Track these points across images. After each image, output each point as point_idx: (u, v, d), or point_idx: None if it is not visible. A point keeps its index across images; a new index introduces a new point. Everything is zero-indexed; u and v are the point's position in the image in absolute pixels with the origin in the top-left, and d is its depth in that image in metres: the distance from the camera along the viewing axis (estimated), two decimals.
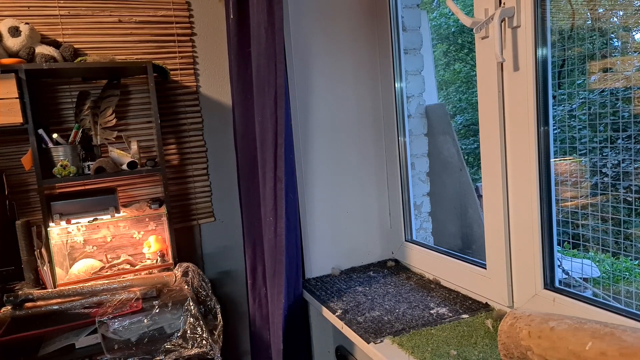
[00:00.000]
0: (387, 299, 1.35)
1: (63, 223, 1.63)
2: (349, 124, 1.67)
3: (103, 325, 1.37)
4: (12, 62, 1.52)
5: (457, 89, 5.27)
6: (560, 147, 1.27)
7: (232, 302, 2.09)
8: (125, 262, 1.79)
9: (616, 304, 0.97)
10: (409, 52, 1.80)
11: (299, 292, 1.53)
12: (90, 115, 1.76)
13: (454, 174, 2.21)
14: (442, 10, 5.30)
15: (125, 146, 1.81)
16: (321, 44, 1.60)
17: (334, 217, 1.67)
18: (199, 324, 1.41)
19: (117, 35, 1.83)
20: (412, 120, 1.88)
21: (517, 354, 0.81)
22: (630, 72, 1.40)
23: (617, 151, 1.36)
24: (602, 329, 0.70)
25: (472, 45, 2.48)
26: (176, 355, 1.36)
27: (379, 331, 1.15)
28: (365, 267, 1.68)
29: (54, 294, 1.46)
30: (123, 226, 1.85)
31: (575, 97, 1.45)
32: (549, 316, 0.80)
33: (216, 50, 1.98)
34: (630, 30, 1.55)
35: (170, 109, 1.93)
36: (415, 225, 1.69)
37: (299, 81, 1.57)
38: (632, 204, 1.29)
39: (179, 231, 1.94)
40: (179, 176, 1.97)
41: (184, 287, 1.56)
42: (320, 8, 1.59)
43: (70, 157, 1.61)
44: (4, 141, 1.71)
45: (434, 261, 1.49)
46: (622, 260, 1.59)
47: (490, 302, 1.25)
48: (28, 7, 1.71)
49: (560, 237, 1.15)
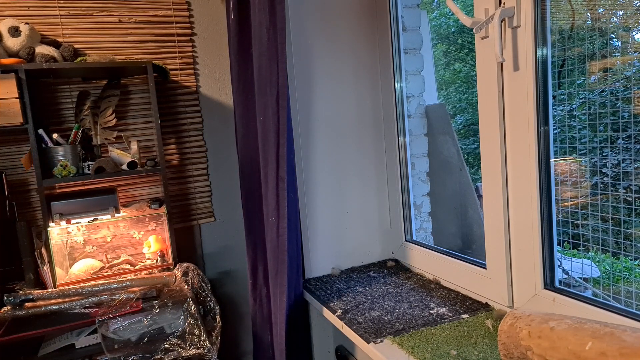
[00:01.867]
0: (387, 299, 1.35)
1: (63, 223, 1.63)
2: (349, 123, 1.67)
3: (103, 325, 1.37)
4: (12, 62, 1.52)
5: (457, 89, 5.27)
6: (560, 147, 1.27)
7: (232, 302, 2.09)
8: (125, 262, 1.79)
9: (616, 304, 0.97)
10: (409, 52, 1.80)
11: (300, 292, 1.53)
12: (90, 115, 1.76)
13: (454, 174, 2.21)
14: (442, 10, 5.30)
15: (125, 146, 1.81)
16: (321, 44, 1.60)
17: (334, 217, 1.67)
18: (198, 324, 1.41)
19: (117, 35, 1.83)
20: (412, 120, 1.88)
21: (517, 354, 0.81)
22: (630, 72, 1.40)
23: (617, 151, 1.36)
24: (602, 329, 0.69)
25: (472, 45, 2.48)
26: (175, 355, 1.36)
27: (379, 331, 1.15)
28: (365, 267, 1.68)
29: (54, 294, 1.46)
30: (123, 226, 1.85)
31: (575, 97, 1.45)
32: (549, 316, 0.80)
33: (216, 50, 1.98)
34: (630, 30, 1.55)
35: (170, 109, 1.93)
36: (415, 225, 1.69)
37: (299, 81, 1.57)
38: (632, 204, 1.29)
39: (179, 231, 1.94)
40: (179, 176, 1.97)
41: (183, 287, 1.56)
42: (320, 8, 1.59)
43: (70, 157, 1.61)
44: (4, 141, 1.71)
45: (434, 261, 1.49)
46: (622, 260, 1.59)
47: (490, 302, 1.25)
48: (28, 7, 1.71)
49: (560, 237, 1.15)
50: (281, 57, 1.33)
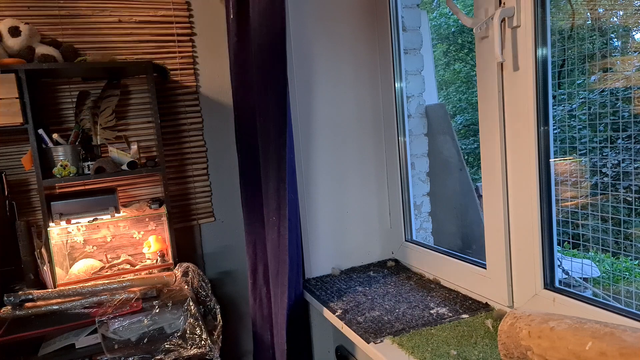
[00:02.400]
0: (387, 299, 1.35)
1: (63, 223, 1.63)
2: (349, 123, 1.67)
3: (103, 325, 1.37)
4: (12, 62, 1.52)
5: (457, 89, 5.27)
6: (560, 147, 1.27)
7: (232, 302, 2.09)
8: (125, 262, 1.79)
9: (616, 304, 0.97)
10: (409, 52, 1.80)
11: (300, 292, 1.53)
12: (90, 115, 1.76)
13: (454, 174, 2.21)
14: (442, 10, 5.30)
15: (125, 146, 1.81)
16: (321, 44, 1.60)
17: (334, 217, 1.67)
18: (198, 324, 1.41)
19: (117, 35, 1.83)
20: (412, 120, 1.88)
21: (517, 354, 0.81)
22: (630, 72, 1.40)
23: (617, 151, 1.36)
24: (602, 329, 0.69)
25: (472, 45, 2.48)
26: (175, 355, 1.36)
27: (379, 331, 1.15)
28: (365, 267, 1.68)
29: (54, 294, 1.46)
30: (123, 226, 1.85)
31: (575, 97, 1.45)
32: (549, 316, 0.80)
33: (216, 50, 1.98)
34: (630, 30, 1.55)
35: (170, 109, 1.93)
36: (415, 225, 1.69)
37: (299, 81, 1.57)
38: (632, 204, 1.29)
39: (179, 231, 1.94)
40: (179, 176, 1.97)
41: (184, 287, 1.56)
42: (320, 8, 1.59)
43: (70, 157, 1.61)
44: (4, 141, 1.71)
45: (434, 261, 1.49)
46: (622, 260, 1.59)
47: (490, 302, 1.25)
48: (28, 7, 1.71)
49: (560, 237, 1.15)
50: (280, 57, 1.33)
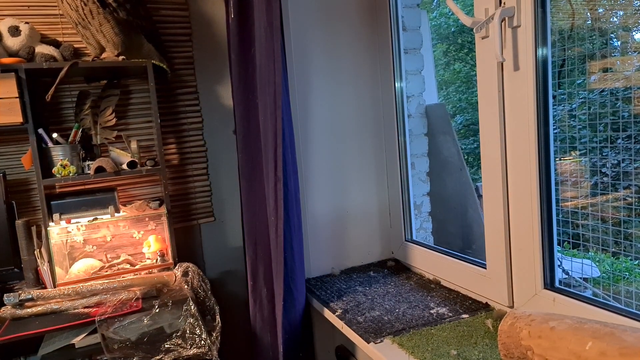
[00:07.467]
0: (387, 299, 1.35)
1: (63, 222, 1.63)
2: (349, 123, 1.67)
3: (103, 325, 1.37)
4: (12, 61, 1.52)
5: (457, 89, 5.27)
6: (560, 147, 1.27)
7: (232, 302, 2.08)
8: (125, 262, 1.79)
9: (616, 304, 0.97)
10: (409, 52, 1.80)
11: (300, 292, 1.53)
12: (90, 114, 1.75)
13: (454, 174, 2.21)
14: (442, 10, 5.30)
15: (125, 146, 1.81)
16: (322, 44, 1.60)
17: (334, 217, 1.67)
18: (198, 324, 1.41)
19: None
20: (412, 120, 1.88)
21: (517, 354, 0.81)
22: (630, 72, 1.40)
23: (617, 151, 1.36)
24: (602, 329, 0.69)
25: (472, 45, 2.48)
26: (175, 355, 1.36)
27: (379, 331, 1.15)
28: (365, 267, 1.68)
29: (53, 293, 1.46)
30: (123, 226, 1.85)
31: (575, 97, 1.45)
32: (549, 316, 0.80)
33: (216, 50, 1.98)
34: (630, 30, 1.55)
35: (170, 108, 1.93)
36: (415, 225, 1.69)
37: (299, 81, 1.57)
38: (632, 204, 1.29)
39: (179, 231, 1.93)
40: (179, 176, 1.97)
41: (183, 287, 1.56)
42: (320, 8, 1.59)
43: (70, 157, 1.61)
44: (4, 141, 1.71)
45: (434, 261, 1.49)
46: (622, 260, 1.59)
47: (490, 302, 1.25)
48: (28, 7, 1.71)
49: (560, 237, 1.15)
50: (277, 56, 1.33)
